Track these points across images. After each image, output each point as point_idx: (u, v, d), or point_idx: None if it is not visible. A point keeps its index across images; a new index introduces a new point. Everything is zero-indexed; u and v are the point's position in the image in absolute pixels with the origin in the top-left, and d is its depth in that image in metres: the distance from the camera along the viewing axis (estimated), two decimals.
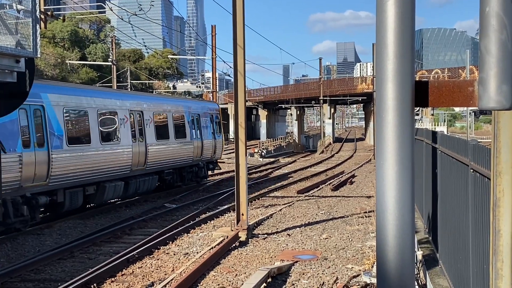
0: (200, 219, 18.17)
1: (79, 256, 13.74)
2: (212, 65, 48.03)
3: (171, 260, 13.17)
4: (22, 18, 7.41)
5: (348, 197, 23.55)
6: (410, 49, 2.00)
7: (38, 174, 16.30)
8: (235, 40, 15.74)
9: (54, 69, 50.77)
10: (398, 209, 2.03)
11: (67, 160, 17.59)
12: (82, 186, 18.66)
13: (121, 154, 20.71)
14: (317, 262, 12.72)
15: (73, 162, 17.87)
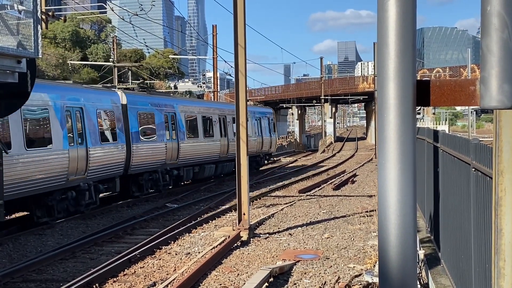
0: (201, 219, 18.17)
1: (81, 256, 13.75)
2: (213, 64, 48.04)
3: (173, 260, 13.17)
4: (24, 18, 7.42)
5: (350, 196, 23.54)
6: (412, 48, 2.00)
7: (173, 156, 25.43)
8: (236, 39, 15.74)
9: (55, 69, 50.81)
10: (400, 208, 2.03)
11: (186, 148, 26.65)
12: (192, 166, 27.39)
13: (214, 146, 29.73)
14: (318, 261, 12.72)
15: (189, 149, 26.91)
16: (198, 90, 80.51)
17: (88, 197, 19.09)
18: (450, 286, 8.01)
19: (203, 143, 28.51)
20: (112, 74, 49.42)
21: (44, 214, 17.32)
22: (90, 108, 19.67)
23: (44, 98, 17.22)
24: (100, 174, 19.85)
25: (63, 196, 17.96)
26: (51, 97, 17.56)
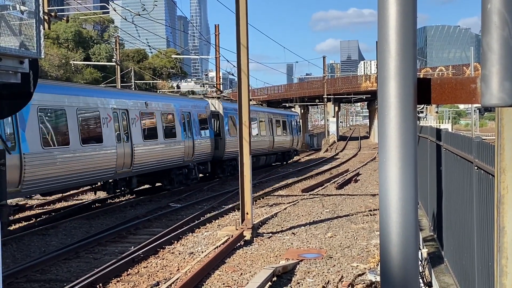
0: (204, 219, 18.18)
1: (85, 256, 13.77)
2: (216, 64, 48.05)
3: (176, 259, 13.19)
4: (26, 19, 7.42)
5: (353, 196, 23.53)
6: (412, 47, 2.01)
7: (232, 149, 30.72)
8: (239, 39, 15.75)
9: (58, 69, 50.87)
10: (402, 207, 2.04)
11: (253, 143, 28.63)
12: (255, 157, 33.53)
13: (265, 141, 37.09)
14: (322, 260, 12.72)
15: (255, 144, 32.04)
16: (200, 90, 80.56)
17: (194, 173, 27.05)
18: (453, 284, 8.00)
19: (262, 139, 36.49)
20: (115, 74, 49.47)
21: (168, 184, 25.51)
22: (195, 112, 27.99)
23: (172, 107, 25.86)
24: (200, 159, 28.01)
25: (179, 172, 25.98)
26: (175, 106, 26.10)
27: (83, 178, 18.62)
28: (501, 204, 3.31)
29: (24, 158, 15.54)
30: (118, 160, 20.47)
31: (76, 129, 18.19)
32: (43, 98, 16.85)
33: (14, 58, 6.86)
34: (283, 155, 41.84)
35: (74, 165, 18.00)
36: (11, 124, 15.45)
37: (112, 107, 20.67)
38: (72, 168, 17.86)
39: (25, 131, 15.86)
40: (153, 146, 23.08)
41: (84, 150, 18.51)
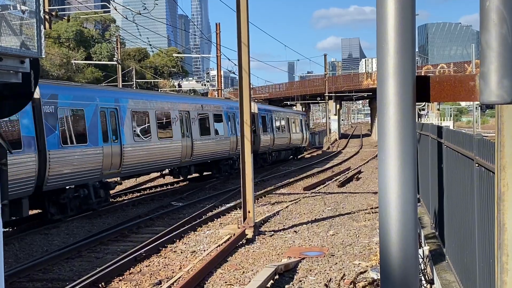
0: (206, 217, 18.20)
1: (87, 255, 13.79)
2: (217, 63, 48.06)
3: (179, 258, 13.21)
4: (27, 18, 7.43)
5: (355, 193, 23.54)
6: (411, 45, 2.01)
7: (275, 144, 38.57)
8: (240, 37, 15.75)
9: (59, 69, 50.90)
10: (401, 204, 2.04)
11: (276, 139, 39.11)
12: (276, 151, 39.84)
13: (285, 138, 41.68)
14: (324, 258, 12.73)
15: (278, 141, 39.51)
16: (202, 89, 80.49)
17: (236, 164, 30.35)
18: (454, 281, 8.01)
19: (283, 136, 41.40)
20: (116, 73, 49.47)
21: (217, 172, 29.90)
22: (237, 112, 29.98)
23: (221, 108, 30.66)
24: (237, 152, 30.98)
25: (226, 163, 30.59)
26: (223, 107, 31.06)
27: (159, 165, 23.69)
28: (501, 201, 3.31)
29: (123, 147, 20.48)
30: (182, 151, 25.44)
31: (155, 127, 23.19)
32: (134, 103, 22.16)
33: (15, 57, 6.86)
34: (296, 151, 46.31)
35: (154, 154, 22.84)
36: (115, 122, 20.50)
37: (179, 109, 25.69)
38: (152, 156, 22.70)
39: (123, 128, 20.86)
40: (206, 141, 28.06)
41: (160, 143, 23.51)
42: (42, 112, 16.72)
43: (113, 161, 19.79)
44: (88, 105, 19.09)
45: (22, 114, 15.47)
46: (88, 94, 19.71)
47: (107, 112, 20.10)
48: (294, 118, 45.64)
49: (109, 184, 20.27)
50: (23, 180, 15.51)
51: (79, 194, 18.38)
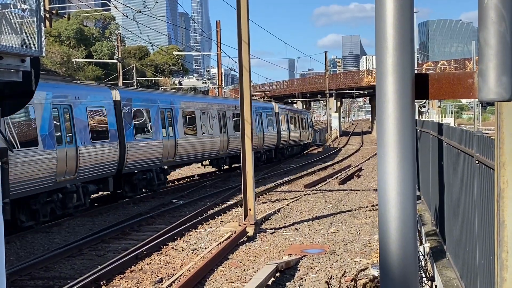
0: (207, 215, 18.22)
1: (88, 253, 13.81)
2: (218, 60, 48.06)
3: (180, 256, 13.22)
4: (27, 17, 7.43)
5: (356, 191, 23.55)
6: (409, 42, 2.01)
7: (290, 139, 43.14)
8: (240, 35, 15.75)
9: (60, 67, 50.91)
10: (400, 202, 2.05)
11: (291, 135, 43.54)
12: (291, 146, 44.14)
13: (298, 134, 46.04)
14: (325, 256, 12.74)
15: (292, 136, 43.54)
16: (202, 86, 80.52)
17: (263, 157, 36.74)
18: (455, 278, 8.01)
19: (295, 133, 45.11)
20: (116, 71, 49.47)
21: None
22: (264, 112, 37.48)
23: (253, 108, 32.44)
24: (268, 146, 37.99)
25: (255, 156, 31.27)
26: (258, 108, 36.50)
27: (202, 156, 28.57)
28: (501, 198, 3.32)
29: (177, 141, 24.96)
30: (220, 145, 30.05)
31: (200, 124, 27.81)
32: (184, 104, 26.83)
33: (15, 56, 6.87)
34: (303, 146, 50.11)
35: (199, 147, 27.42)
36: (171, 120, 25.02)
37: (217, 109, 30.24)
38: (198, 149, 27.34)
39: (177, 125, 25.36)
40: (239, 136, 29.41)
41: (203, 137, 28.05)
42: (122, 112, 21.21)
43: (170, 152, 24.49)
44: (152, 106, 23.57)
45: (109, 112, 20.25)
46: (152, 97, 24.47)
47: (165, 112, 24.59)
48: (302, 116, 49.49)
49: (167, 170, 24.84)
50: (110, 163, 20.09)
51: (146, 177, 22.81)
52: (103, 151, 19.52)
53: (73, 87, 19.46)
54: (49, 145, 16.73)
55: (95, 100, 19.99)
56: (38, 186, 16.15)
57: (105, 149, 19.72)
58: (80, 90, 19.48)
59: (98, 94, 20.49)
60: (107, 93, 20.97)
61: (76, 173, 17.98)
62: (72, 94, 18.72)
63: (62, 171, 17.23)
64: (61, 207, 17.70)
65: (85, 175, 18.55)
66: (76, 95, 18.91)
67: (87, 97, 19.49)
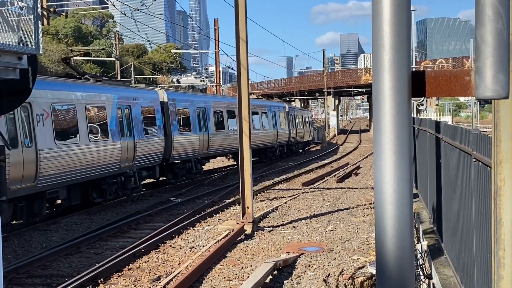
0: (205, 213, 18.21)
1: (86, 251, 13.80)
2: (216, 59, 48.05)
3: (177, 254, 13.22)
4: (24, 15, 7.41)
5: (353, 189, 23.55)
6: (406, 40, 2.01)
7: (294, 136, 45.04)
8: (238, 33, 15.74)
9: (58, 65, 50.85)
10: (397, 199, 2.04)
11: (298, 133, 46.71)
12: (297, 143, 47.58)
13: (302, 132, 48.64)
14: (322, 254, 12.75)
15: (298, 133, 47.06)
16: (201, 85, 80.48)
17: (277, 152, 41.10)
18: (453, 276, 8.02)
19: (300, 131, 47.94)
20: (114, 69, 49.40)
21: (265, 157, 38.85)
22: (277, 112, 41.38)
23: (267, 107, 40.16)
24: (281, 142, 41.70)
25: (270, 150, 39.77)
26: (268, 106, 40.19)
27: (228, 150, 31.89)
28: (498, 196, 3.32)
29: (210, 136, 28.81)
30: None
31: (227, 121, 31.69)
32: (215, 104, 30.88)
33: (13, 54, 6.86)
34: (305, 143, 52.74)
35: (226, 141, 31.06)
36: (205, 118, 28.91)
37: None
38: (225, 143, 30.94)
39: (209, 122, 29.19)
40: (259, 132, 36.66)
41: (229, 133, 31.46)
42: (169, 110, 25.37)
43: (204, 145, 28.47)
44: (190, 106, 27.67)
45: (157, 111, 24.21)
46: (190, 98, 28.79)
47: (200, 111, 28.48)
48: (305, 115, 52.72)
49: (202, 160, 28.83)
50: (157, 154, 23.83)
51: (185, 166, 26.77)
52: (152, 143, 23.49)
53: (131, 90, 23.86)
54: (115, 138, 20.66)
55: (147, 101, 23.82)
56: (107, 170, 20.06)
57: (154, 142, 23.69)
58: (136, 93, 23.57)
59: (149, 95, 24.52)
60: (156, 95, 25.05)
61: (133, 160, 21.88)
62: (131, 96, 22.61)
63: (124, 159, 21.12)
64: (122, 188, 21.42)
65: (140, 163, 22.48)
66: (133, 97, 22.81)
67: (141, 99, 23.34)
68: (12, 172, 14.78)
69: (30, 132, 16.03)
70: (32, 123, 16.12)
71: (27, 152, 15.74)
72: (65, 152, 17.55)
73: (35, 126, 16.19)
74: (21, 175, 15.33)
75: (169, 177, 25.97)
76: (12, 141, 15.04)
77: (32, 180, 15.82)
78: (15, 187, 15.08)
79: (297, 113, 49.00)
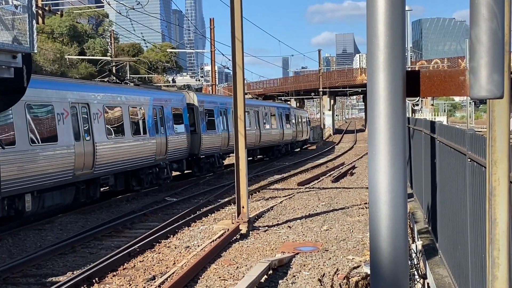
0: (200, 212, 18.20)
1: (81, 251, 13.77)
2: (211, 58, 48.02)
3: (172, 253, 13.20)
4: (19, 13, 7.38)
5: (349, 188, 23.57)
6: (401, 39, 2.00)
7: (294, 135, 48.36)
8: (233, 33, 15.72)
9: (53, 64, 50.69)
10: (391, 199, 2.04)
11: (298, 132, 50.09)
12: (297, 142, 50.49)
13: (301, 131, 51.27)
14: (318, 253, 12.75)
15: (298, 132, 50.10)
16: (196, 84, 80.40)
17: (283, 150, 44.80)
18: (447, 276, 8.03)
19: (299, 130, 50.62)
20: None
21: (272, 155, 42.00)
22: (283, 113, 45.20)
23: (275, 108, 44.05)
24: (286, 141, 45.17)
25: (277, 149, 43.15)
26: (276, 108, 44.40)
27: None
28: (492, 196, 3.32)
29: (229, 134, 31.19)
30: (255, 138, 37.26)
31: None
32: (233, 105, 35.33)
33: (7, 53, 6.83)
34: (303, 142, 55.02)
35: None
36: (225, 118, 32.16)
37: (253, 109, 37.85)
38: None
39: (229, 121, 31.74)
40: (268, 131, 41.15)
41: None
42: (198, 111, 28.86)
43: (225, 142, 31.52)
44: (215, 107, 31.00)
45: (184, 111, 27.68)
46: (214, 100, 32.85)
47: (222, 111, 31.80)
48: (303, 115, 55.44)
49: (224, 156, 32.27)
50: (184, 149, 27.22)
51: (209, 161, 29.92)
52: (180, 139, 26.90)
53: (163, 93, 27.61)
54: (152, 134, 24.01)
55: (176, 102, 27.24)
56: (145, 161, 23.34)
57: (182, 139, 27.04)
58: (167, 95, 27.19)
59: (177, 97, 27.88)
60: (183, 97, 28.49)
61: (166, 154, 25.20)
62: (163, 98, 26.21)
63: (158, 152, 24.47)
64: (156, 178, 24.63)
65: (171, 156, 25.82)
66: (165, 98, 26.32)
67: (171, 100, 26.80)
68: (76, 161, 18.34)
69: (89, 128, 19.43)
70: (90, 121, 19.58)
71: (87, 145, 19.11)
72: (114, 145, 20.97)
73: (92, 123, 19.64)
74: (82, 163, 18.70)
75: (195, 170, 29.19)
76: (75, 135, 18.60)
77: (90, 167, 19.17)
78: (78, 172, 18.50)
79: (297, 113, 52.41)
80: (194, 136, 28.24)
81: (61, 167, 17.56)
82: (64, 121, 18.03)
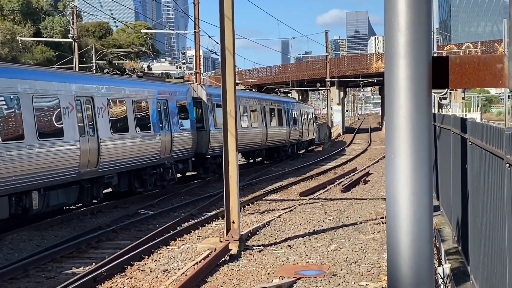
0: (182, 229, 18.20)
1: (35, 275, 13.75)
2: (195, 41, 48.01)
3: (147, 278, 13.20)
4: None
5: (362, 200, 23.62)
6: (426, 18, 2.00)
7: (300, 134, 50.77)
8: (222, 10, 15.73)
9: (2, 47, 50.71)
10: (413, 213, 2.04)
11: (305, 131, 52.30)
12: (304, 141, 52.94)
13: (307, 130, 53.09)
14: (324, 278, 12.77)
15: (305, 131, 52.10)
16: (177, 72, 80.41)
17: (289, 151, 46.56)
18: None
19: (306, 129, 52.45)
20: (71, 53, 49.25)
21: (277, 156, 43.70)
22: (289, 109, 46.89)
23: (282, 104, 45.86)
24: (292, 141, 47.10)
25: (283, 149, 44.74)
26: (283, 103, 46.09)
27: (251, 146, 37.42)
28: None
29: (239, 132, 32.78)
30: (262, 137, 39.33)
31: (250, 118, 37.52)
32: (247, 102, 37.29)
33: None
34: (309, 142, 56.57)
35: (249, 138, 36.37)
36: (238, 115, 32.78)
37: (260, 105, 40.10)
38: (247, 139, 35.48)
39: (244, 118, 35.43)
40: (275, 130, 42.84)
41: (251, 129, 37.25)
42: (207, 106, 31.02)
43: None
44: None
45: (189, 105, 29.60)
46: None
47: None
48: (309, 111, 57.38)
49: None
50: (189, 148, 28.92)
51: (216, 162, 30.56)
52: (186, 137, 28.65)
53: (168, 85, 29.82)
54: (156, 130, 25.79)
55: (181, 96, 29.19)
56: (150, 160, 25.26)
57: (187, 136, 28.74)
58: (172, 87, 29.43)
59: (182, 89, 29.98)
60: (188, 89, 30.48)
61: (171, 153, 26.94)
62: (168, 91, 28.21)
63: (163, 151, 26.22)
64: (160, 179, 26.47)
65: (176, 156, 27.54)
66: (170, 91, 28.36)
67: (176, 93, 28.75)
68: (81, 157, 20.22)
69: (93, 123, 21.37)
70: (94, 115, 21.50)
71: (92, 141, 21.11)
72: (119, 141, 23.01)
73: (96, 118, 21.54)
74: (87, 160, 20.66)
75: (200, 171, 30.92)
76: (80, 130, 20.54)
77: (95, 165, 21.18)
78: (83, 170, 20.41)
79: (305, 109, 54.68)
80: (201, 133, 29.89)
81: (66, 163, 19.61)
82: (70, 115, 20.10)
